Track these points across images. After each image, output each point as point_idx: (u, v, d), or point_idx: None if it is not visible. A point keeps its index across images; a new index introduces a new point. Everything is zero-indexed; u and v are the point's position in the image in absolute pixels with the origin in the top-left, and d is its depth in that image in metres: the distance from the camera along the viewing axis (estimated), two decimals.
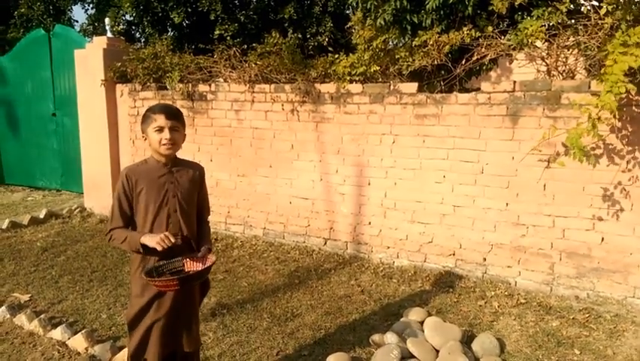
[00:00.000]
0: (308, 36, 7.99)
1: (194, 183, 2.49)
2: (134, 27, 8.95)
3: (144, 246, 2.23)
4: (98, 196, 6.97)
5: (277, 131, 5.64)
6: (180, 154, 2.50)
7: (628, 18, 3.86)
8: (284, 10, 7.66)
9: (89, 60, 6.70)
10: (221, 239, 5.87)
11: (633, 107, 3.90)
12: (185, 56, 6.28)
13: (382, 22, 5.11)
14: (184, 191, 2.42)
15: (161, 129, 2.30)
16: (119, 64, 6.50)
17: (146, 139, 2.37)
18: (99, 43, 6.65)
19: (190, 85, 6.10)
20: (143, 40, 9.05)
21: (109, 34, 6.90)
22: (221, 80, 6.04)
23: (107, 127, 6.69)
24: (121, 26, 8.43)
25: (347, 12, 8.60)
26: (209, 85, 6.03)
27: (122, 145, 6.82)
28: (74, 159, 7.56)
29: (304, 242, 5.57)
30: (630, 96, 3.89)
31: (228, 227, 6.05)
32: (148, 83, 6.44)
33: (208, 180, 2.73)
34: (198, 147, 6.11)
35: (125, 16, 8.46)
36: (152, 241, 2.19)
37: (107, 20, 6.84)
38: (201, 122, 6.12)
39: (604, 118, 3.67)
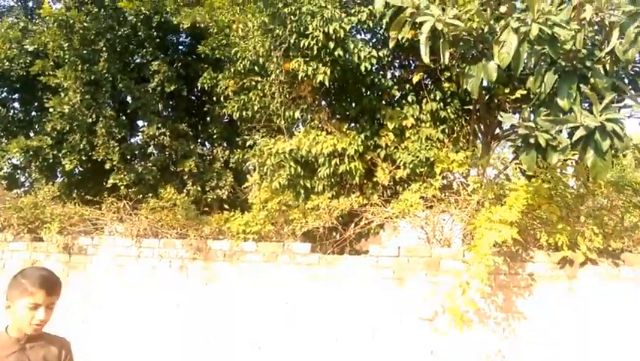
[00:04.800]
0: (207, 189, 8.01)
1: None
2: (19, 170, 8.45)
3: None
4: None
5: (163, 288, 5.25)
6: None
7: (490, 197, 4.39)
8: (184, 163, 7.73)
9: None
10: None
11: (501, 276, 4.22)
12: (68, 207, 5.93)
13: (278, 186, 5.34)
14: None
15: (36, 307, 1.96)
16: None
17: (8, 307, 1.96)
18: None
19: (69, 237, 5.65)
20: (27, 184, 8.51)
21: None
22: (105, 232, 5.69)
23: None
24: (4, 170, 7.93)
25: (249, 167, 8.93)
26: (92, 238, 5.64)
27: None
28: None
29: None
30: (498, 265, 4.22)
31: None
32: (22, 234, 5.87)
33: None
34: (67, 308, 5.43)
35: (11, 160, 8.02)
36: None
37: None
38: (77, 279, 5.55)
39: (477, 288, 3.90)
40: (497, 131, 5.28)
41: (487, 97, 5.02)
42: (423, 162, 4.86)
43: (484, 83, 4.42)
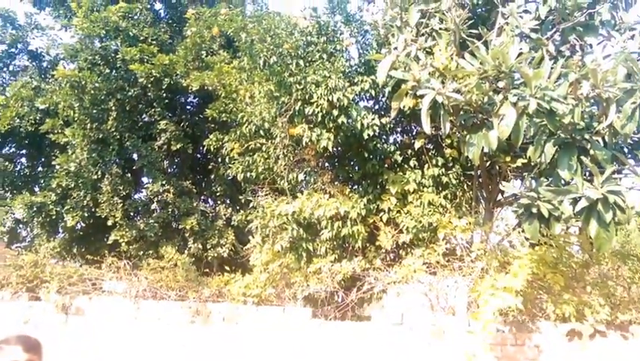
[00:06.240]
0: (209, 247, 7.95)
1: None
2: (21, 225, 8.45)
3: None
4: None
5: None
6: None
7: (494, 264, 4.35)
8: (187, 220, 7.72)
9: None
10: None
11: (508, 346, 4.12)
12: (68, 266, 5.89)
13: (280, 248, 5.31)
14: None
15: None
16: None
17: None
18: None
19: (68, 297, 5.56)
20: (28, 239, 8.48)
21: None
22: (105, 292, 5.62)
23: None
24: (7, 225, 7.94)
25: (251, 227, 8.86)
26: (90, 298, 5.55)
27: None
28: None
29: None
30: (503, 334, 4.13)
31: None
32: (19, 293, 5.79)
33: None
34: None
35: (13, 214, 8.04)
36: None
37: None
38: (73, 340, 5.41)
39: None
40: (499, 197, 5.31)
41: (488, 163, 5.09)
42: (425, 227, 4.86)
43: (485, 150, 4.49)
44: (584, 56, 4.27)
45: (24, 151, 9.10)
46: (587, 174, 4.09)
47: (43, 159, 8.89)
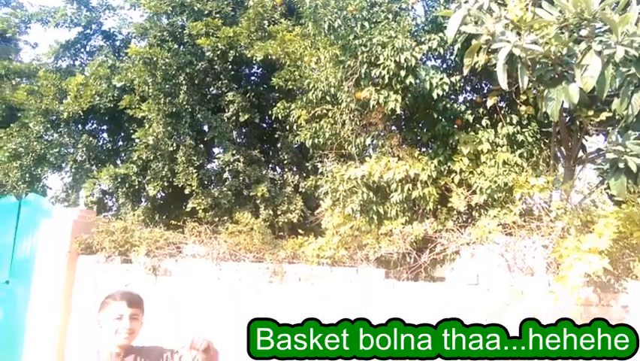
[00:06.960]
0: (279, 213, 8.23)
1: None
2: (107, 196, 9.14)
3: None
4: None
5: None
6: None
7: (576, 223, 4.20)
8: (257, 188, 8.02)
9: (56, 231, 6.63)
10: None
11: (592, 307, 4.01)
12: (154, 231, 6.33)
13: (350, 211, 5.41)
14: None
15: (120, 318, 2.23)
16: (87, 236, 6.46)
17: (100, 326, 2.27)
18: (70, 215, 6.67)
19: (156, 260, 6.02)
20: (114, 208, 9.18)
21: (82, 207, 6.99)
22: (188, 255, 6.02)
23: (61, 301, 6.34)
24: (95, 196, 8.63)
25: (320, 193, 9.03)
26: (176, 260, 5.97)
27: (73, 321, 6.39)
28: (22, 332, 6.95)
29: None
30: (587, 295, 4.02)
31: None
32: (112, 257, 6.33)
33: None
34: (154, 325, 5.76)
35: (100, 185, 8.71)
36: None
37: (82, 192, 7.00)
38: (162, 299, 5.88)
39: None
40: (580, 154, 5.05)
41: (567, 119, 4.84)
42: (501, 187, 4.75)
43: (565, 105, 4.27)
44: None
45: (105, 127, 9.74)
46: None
47: (122, 134, 9.49)
